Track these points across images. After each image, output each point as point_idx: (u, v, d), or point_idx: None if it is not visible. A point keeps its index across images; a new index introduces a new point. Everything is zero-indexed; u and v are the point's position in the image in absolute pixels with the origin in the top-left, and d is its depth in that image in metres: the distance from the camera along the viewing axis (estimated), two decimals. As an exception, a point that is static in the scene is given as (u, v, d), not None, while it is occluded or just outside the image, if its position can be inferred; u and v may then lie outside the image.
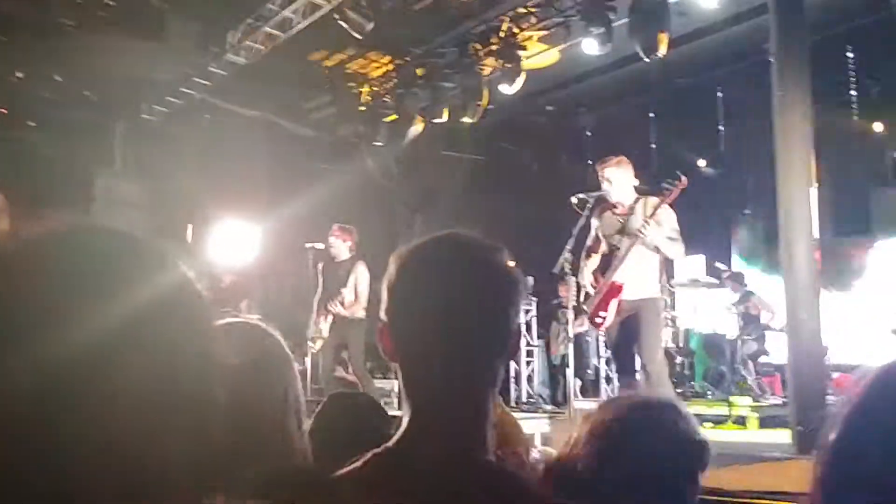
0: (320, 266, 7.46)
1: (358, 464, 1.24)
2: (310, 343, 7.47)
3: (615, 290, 5.27)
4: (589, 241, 5.40)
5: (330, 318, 7.34)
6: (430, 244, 1.24)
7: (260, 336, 1.06)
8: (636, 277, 5.22)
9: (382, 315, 1.26)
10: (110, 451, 0.64)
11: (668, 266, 5.51)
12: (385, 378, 8.21)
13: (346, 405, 2.35)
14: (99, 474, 0.64)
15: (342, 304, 7.18)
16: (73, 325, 0.64)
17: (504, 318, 1.22)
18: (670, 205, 5.30)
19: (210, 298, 0.74)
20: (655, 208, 5.19)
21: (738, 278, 9.48)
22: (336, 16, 7.79)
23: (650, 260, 5.26)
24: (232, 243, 9.53)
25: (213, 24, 8.65)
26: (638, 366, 5.30)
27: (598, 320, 5.34)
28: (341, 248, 7.29)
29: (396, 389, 6.63)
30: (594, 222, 5.40)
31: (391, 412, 2.39)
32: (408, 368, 1.25)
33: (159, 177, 9.89)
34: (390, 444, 1.24)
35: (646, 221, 5.12)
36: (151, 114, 9.80)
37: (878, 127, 9.31)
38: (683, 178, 5.29)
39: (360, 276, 7.17)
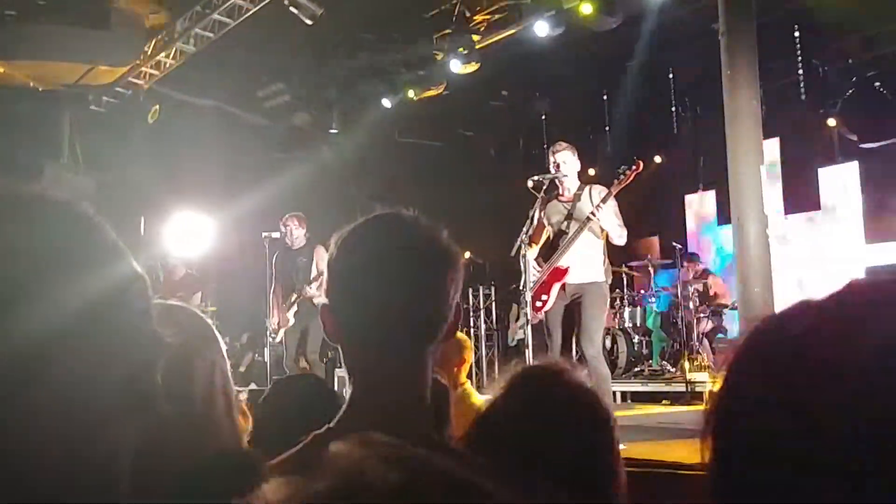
0: (276, 257, 7.37)
1: (299, 446, 1.23)
2: (272, 335, 7.39)
3: (559, 273, 5.29)
4: (530, 231, 5.40)
5: (294, 306, 7.27)
6: (369, 224, 1.24)
7: (184, 316, 1.04)
8: (582, 262, 5.25)
9: (323, 296, 1.26)
10: (58, 439, 0.61)
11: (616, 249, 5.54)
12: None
13: (293, 388, 2.35)
14: (45, 464, 0.61)
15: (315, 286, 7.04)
16: (25, 305, 0.60)
17: (442, 297, 1.22)
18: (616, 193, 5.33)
19: (161, 289, 0.72)
20: (609, 193, 5.21)
21: (693, 257, 9.61)
22: (286, 2, 7.69)
23: (595, 245, 5.30)
24: (186, 235, 9.37)
25: (160, 13, 8.48)
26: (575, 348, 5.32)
27: (538, 304, 5.36)
28: (300, 235, 7.27)
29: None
30: (537, 213, 5.39)
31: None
32: (349, 349, 1.25)
33: (110, 168, 9.69)
34: (331, 424, 1.24)
35: (598, 206, 5.14)
36: (100, 105, 9.58)
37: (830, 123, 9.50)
38: (640, 163, 5.31)
39: (323, 258, 6.94)
